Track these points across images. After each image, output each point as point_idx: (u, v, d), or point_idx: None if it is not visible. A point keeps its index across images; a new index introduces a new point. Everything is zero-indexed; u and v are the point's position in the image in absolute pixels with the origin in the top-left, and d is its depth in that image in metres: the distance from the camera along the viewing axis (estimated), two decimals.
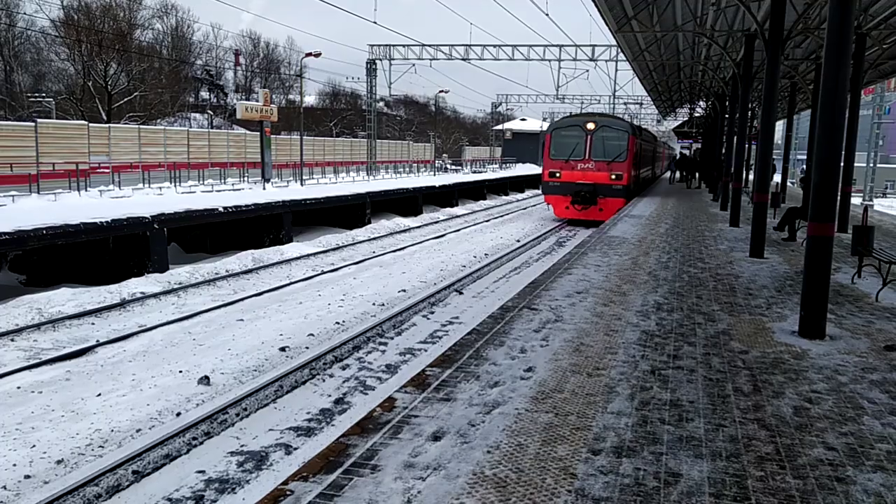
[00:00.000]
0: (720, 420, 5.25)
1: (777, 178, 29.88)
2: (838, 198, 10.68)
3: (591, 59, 45.79)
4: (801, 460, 4.62)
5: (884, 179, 68.97)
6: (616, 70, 51.68)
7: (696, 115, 53.58)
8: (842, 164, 9.78)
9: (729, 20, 20.73)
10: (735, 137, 21.94)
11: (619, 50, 30.44)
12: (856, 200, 30.85)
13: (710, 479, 4.31)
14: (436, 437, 4.77)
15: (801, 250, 13.84)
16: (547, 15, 32.63)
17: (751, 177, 29.63)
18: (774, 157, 21.48)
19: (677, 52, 27.88)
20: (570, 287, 10.00)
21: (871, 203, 38.01)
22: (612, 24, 19.44)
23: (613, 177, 26.85)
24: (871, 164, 42.95)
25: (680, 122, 62.85)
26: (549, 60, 46.32)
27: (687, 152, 59.63)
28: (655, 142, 50.94)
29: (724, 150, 27.77)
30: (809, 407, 5.59)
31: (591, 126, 27.41)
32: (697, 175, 43.86)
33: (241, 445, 7.77)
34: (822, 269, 7.63)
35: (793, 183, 44.95)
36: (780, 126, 43.11)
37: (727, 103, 27.47)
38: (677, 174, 48.53)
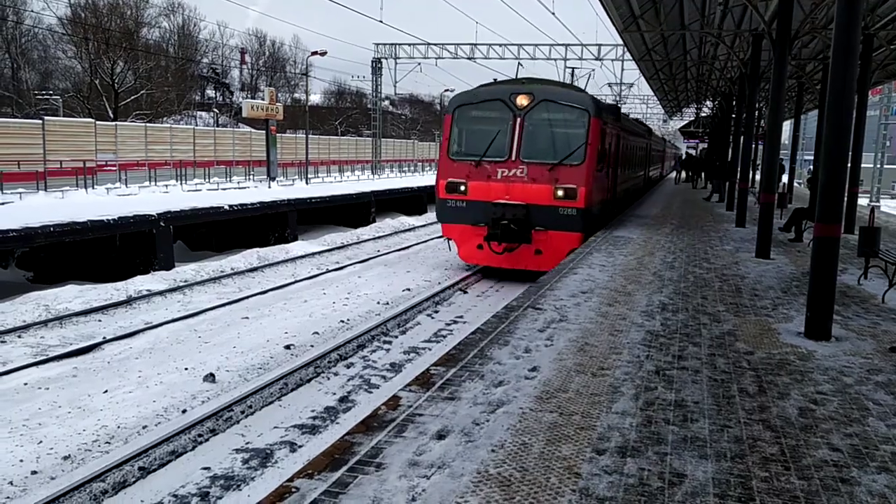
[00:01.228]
0: (725, 421, 5.24)
1: (784, 178, 29.77)
2: (845, 199, 10.65)
3: (596, 59, 45.73)
4: (805, 461, 4.62)
5: (891, 180, 68.63)
6: (622, 69, 51.60)
7: (703, 114, 53.42)
8: (849, 164, 9.75)
9: (736, 20, 20.67)
10: (742, 137, 21.89)
11: (626, 49, 30.38)
12: (863, 201, 30.74)
13: (715, 479, 4.31)
14: (440, 436, 4.78)
15: (808, 251, 13.80)
16: (553, 14, 32.59)
17: (758, 177, 29.41)
18: (782, 157, 21.35)
19: (684, 52, 27.79)
20: (575, 287, 10.00)
21: (877, 204, 37.87)
22: (619, 23, 19.42)
23: (561, 193, 15.16)
24: (879, 165, 42.78)
25: (686, 121, 62.67)
26: (555, 59, 46.28)
27: (693, 152, 59.44)
28: (650, 135, 35.80)
29: (730, 150, 27.62)
30: (815, 408, 5.58)
31: (522, 101, 15.68)
32: (703, 175, 43.73)
33: (247, 443, 7.80)
34: (829, 270, 7.61)
35: (800, 183, 44.83)
36: (787, 126, 43.00)
37: (734, 103, 27.40)
38: (683, 174, 48.40)
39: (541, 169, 15.29)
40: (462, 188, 15.79)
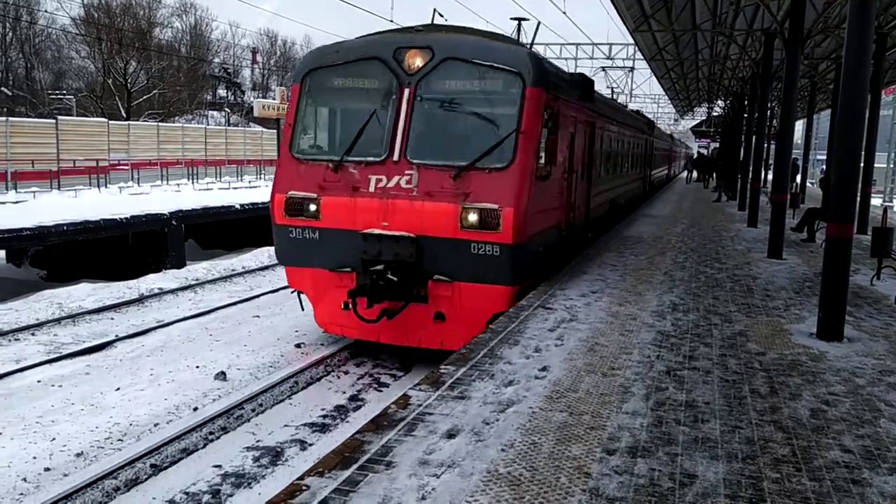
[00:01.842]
0: (736, 422, 5.23)
1: (798, 178, 29.56)
2: (858, 198, 10.59)
3: (608, 58, 45.60)
4: (817, 462, 4.60)
5: None
6: (633, 69, 51.40)
7: (715, 114, 53.16)
8: (862, 164, 9.69)
9: (748, 19, 20.59)
10: (754, 137, 21.78)
11: (637, 49, 30.29)
12: (876, 201, 30.50)
13: (726, 480, 4.30)
14: (450, 435, 4.79)
15: (820, 251, 13.73)
16: (564, 13, 32.50)
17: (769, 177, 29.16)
18: (796, 156, 21.15)
19: (695, 51, 27.69)
20: (586, 286, 9.98)
21: (891, 204, 37.58)
22: (630, 23, 19.39)
23: (473, 217, 9.01)
24: (892, 165, 42.47)
25: (698, 121, 62.42)
26: (566, 59, 46.18)
27: (705, 151, 59.15)
28: (651, 130, 28.02)
29: (742, 150, 27.46)
30: (826, 409, 5.56)
31: (414, 60, 9.59)
32: (715, 175, 43.51)
33: (257, 441, 7.84)
34: (841, 270, 7.57)
35: (812, 183, 44.55)
36: (799, 125, 42.74)
37: (746, 102, 27.26)
38: (694, 174, 48.21)
39: (441, 176, 9.10)
40: (312, 208, 9.59)
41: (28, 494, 6.55)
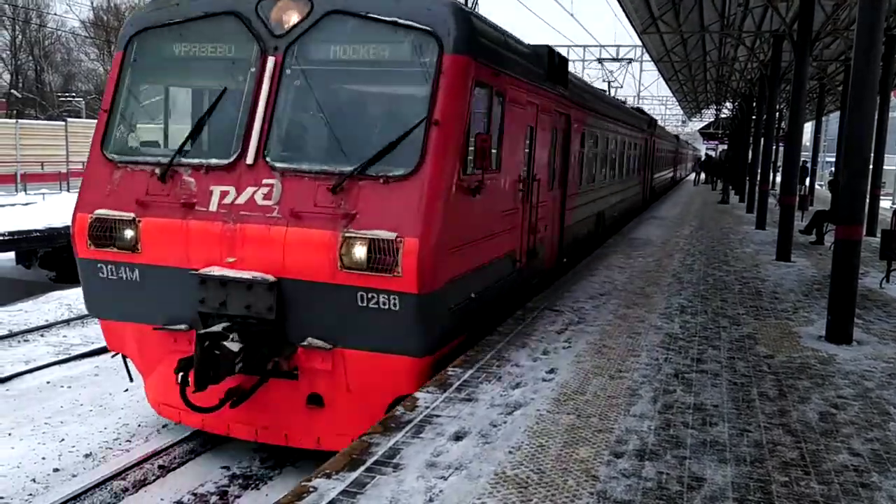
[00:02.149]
0: (745, 425, 5.21)
1: (806, 180, 29.42)
2: (867, 201, 10.55)
3: (615, 60, 45.54)
4: (825, 466, 4.58)
5: None
6: (640, 70, 51.32)
7: (723, 116, 53.00)
8: (871, 166, 9.64)
9: (756, 21, 20.53)
10: (762, 139, 21.72)
11: (644, 50, 30.26)
12: (885, 203, 30.35)
13: (734, 483, 4.29)
14: (458, 437, 4.79)
15: (829, 254, 13.67)
16: (572, 15, 32.50)
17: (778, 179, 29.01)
18: (805, 159, 21.02)
19: (703, 53, 27.63)
20: (594, 289, 9.97)
21: None
22: (638, 24, 19.36)
23: (359, 252, 5.93)
24: None
25: (706, 123, 62.27)
26: (573, 61, 46.14)
27: (713, 153, 58.98)
28: (652, 129, 25.00)
29: (750, 152, 27.37)
30: (835, 412, 5.53)
31: (287, 16, 6.60)
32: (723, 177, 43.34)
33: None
34: (850, 273, 7.54)
35: (821, 185, 44.36)
36: (808, 128, 42.57)
37: (754, 105, 27.18)
38: (702, 176, 48.11)
39: (315, 187, 6.30)
40: (128, 235, 6.74)
41: (37, 495, 6.58)
